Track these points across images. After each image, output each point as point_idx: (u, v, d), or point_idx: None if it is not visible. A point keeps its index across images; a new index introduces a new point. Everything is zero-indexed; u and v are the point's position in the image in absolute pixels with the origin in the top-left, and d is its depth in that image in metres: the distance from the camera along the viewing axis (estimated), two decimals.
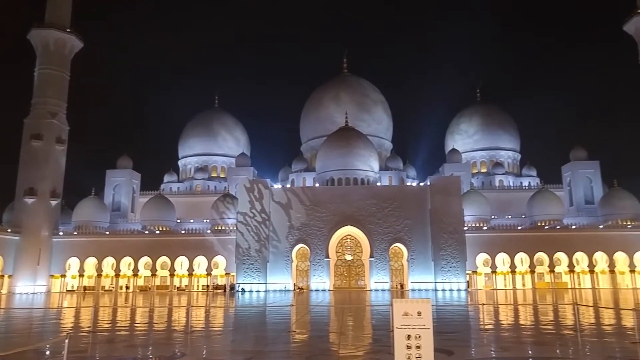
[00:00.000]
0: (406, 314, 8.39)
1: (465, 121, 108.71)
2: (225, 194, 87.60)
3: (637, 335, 14.99)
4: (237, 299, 50.54)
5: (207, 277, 78.43)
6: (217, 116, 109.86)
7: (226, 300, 49.96)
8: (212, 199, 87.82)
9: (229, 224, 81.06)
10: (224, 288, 75.20)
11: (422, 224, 75.21)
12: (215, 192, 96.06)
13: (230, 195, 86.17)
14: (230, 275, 76.80)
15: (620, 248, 75.09)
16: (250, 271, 74.40)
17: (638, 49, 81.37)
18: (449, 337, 17.18)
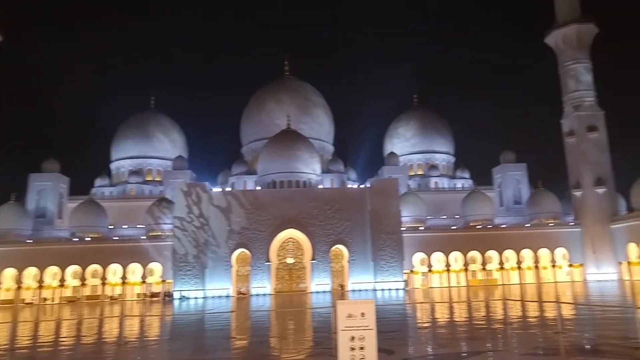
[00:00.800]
0: (350, 315, 8.57)
1: (403, 125, 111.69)
2: (161, 198, 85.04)
3: (559, 325, 16.09)
4: (175, 307, 49.36)
5: (142, 285, 75.76)
6: (153, 117, 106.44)
7: (162, 308, 48.65)
8: (147, 203, 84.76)
9: (165, 230, 78.74)
10: (159, 295, 73.04)
11: (362, 225, 76.51)
12: (151, 197, 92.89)
13: (166, 199, 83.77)
14: (167, 283, 74.61)
15: (544, 245, 79.67)
16: (188, 277, 72.70)
17: (557, 60, 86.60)
18: (388, 337, 17.64)
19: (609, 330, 17.94)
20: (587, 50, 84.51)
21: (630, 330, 15.82)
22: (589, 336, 16.51)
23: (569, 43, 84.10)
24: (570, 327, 18.33)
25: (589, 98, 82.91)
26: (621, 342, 14.52)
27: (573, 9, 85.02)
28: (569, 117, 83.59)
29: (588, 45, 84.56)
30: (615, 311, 24.05)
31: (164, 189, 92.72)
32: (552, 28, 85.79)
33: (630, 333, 15.01)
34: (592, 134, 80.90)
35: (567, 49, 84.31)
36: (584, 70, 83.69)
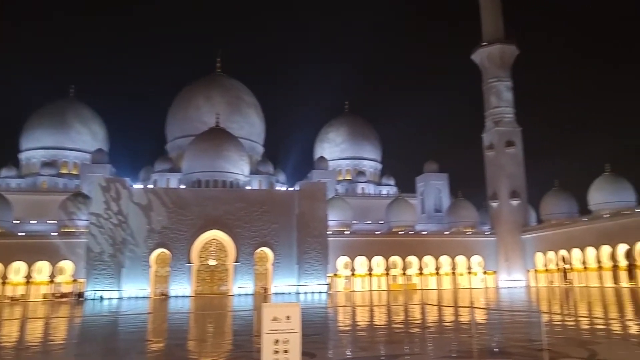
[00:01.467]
0: (275, 318, 8.39)
1: (334, 131, 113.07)
2: (76, 193, 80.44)
3: (473, 329, 16.74)
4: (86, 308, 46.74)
5: (50, 285, 70.78)
6: (72, 107, 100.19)
7: (72, 309, 45.89)
8: (61, 197, 79.68)
9: (80, 226, 74.52)
10: (70, 296, 68.80)
11: (289, 228, 76.39)
12: (65, 190, 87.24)
13: (82, 194, 79.33)
14: (79, 282, 70.43)
15: (461, 252, 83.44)
16: (102, 277, 69.08)
17: (482, 76, 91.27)
18: (311, 340, 17.56)
19: (516, 333, 18.92)
20: (509, 69, 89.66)
21: (534, 334, 16.80)
22: (498, 339, 17.32)
23: (493, 61, 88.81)
24: (483, 331, 19.14)
25: (509, 115, 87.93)
26: (527, 344, 15.35)
27: (497, 29, 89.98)
28: (490, 132, 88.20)
29: (510, 65, 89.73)
30: (522, 316, 25.49)
31: (81, 183, 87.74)
32: (478, 46, 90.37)
33: (535, 336, 15.93)
34: (510, 149, 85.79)
35: (491, 67, 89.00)
36: (505, 88, 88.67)
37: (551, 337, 15.58)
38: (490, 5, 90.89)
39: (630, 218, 65.54)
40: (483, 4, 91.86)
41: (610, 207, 71.09)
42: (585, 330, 19.06)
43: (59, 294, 69.76)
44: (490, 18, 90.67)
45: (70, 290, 70.15)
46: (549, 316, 23.83)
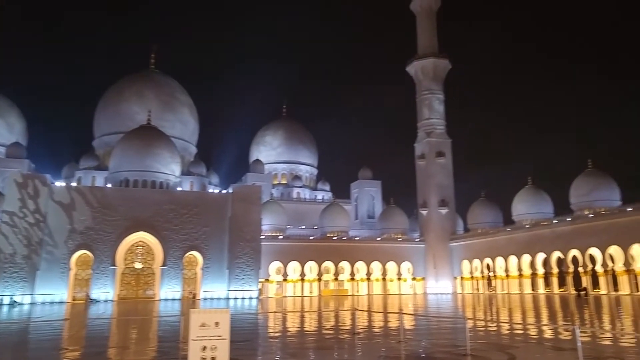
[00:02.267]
0: (203, 324, 8.04)
1: (271, 134, 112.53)
2: None
3: (401, 335, 16.95)
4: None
5: None
6: None
7: None
8: None
9: None
10: None
11: (221, 232, 74.88)
12: None
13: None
14: None
15: (391, 258, 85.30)
16: (13, 280, 64.23)
17: (416, 88, 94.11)
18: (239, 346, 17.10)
19: (442, 339, 19.38)
20: (441, 82, 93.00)
21: (459, 339, 17.27)
22: (425, 345, 17.63)
23: (426, 74, 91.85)
24: (411, 337, 19.44)
25: (440, 127, 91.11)
26: (452, 349, 15.71)
27: (432, 43, 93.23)
28: (421, 142, 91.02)
29: (442, 78, 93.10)
30: (448, 321, 26.25)
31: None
32: (413, 59, 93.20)
33: (460, 341, 16.37)
34: (440, 159, 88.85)
35: (425, 80, 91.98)
36: (437, 100, 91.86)
37: (474, 342, 16.06)
38: (425, 20, 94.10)
39: (547, 229, 69.74)
40: (419, 18, 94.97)
41: (530, 218, 75.31)
42: (505, 335, 19.85)
43: None
44: (426, 32, 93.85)
45: None
46: (473, 322, 24.64)
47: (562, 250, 66.98)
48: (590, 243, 63.17)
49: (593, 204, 66.94)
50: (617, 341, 17.24)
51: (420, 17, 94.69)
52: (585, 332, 18.46)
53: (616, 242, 60.49)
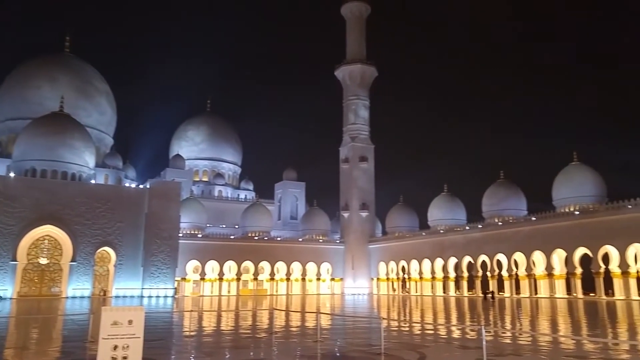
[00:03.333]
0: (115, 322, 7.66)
1: (193, 129, 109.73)
2: None
3: (318, 334, 17.15)
4: None
5: None
6: None
7: None
8: None
9: None
10: None
11: (136, 228, 71.92)
12: None
13: None
14: None
15: (312, 259, 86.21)
16: None
17: (343, 93, 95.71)
18: (153, 345, 16.53)
19: (357, 338, 19.85)
20: (367, 89, 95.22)
21: (374, 338, 17.77)
22: (341, 344, 17.96)
23: (354, 80, 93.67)
24: (327, 336, 19.72)
25: (364, 132, 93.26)
26: (367, 348, 16.12)
27: (360, 50, 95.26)
28: (346, 146, 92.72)
29: (368, 85, 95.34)
30: (364, 321, 26.92)
31: None
32: (341, 64, 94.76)
33: (375, 341, 16.84)
34: (363, 164, 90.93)
35: (352, 85, 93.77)
36: (363, 106, 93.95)
37: (388, 341, 16.57)
38: (355, 25, 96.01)
39: (460, 234, 73.57)
40: (349, 23, 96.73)
41: (445, 224, 78.95)
42: (417, 335, 20.64)
43: None
44: (355, 38, 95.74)
45: None
46: (388, 322, 25.43)
47: (472, 255, 70.89)
48: (498, 249, 67.43)
49: (502, 213, 71.32)
50: (516, 339, 18.48)
51: (350, 22, 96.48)
52: (489, 332, 19.61)
53: (520, 249, 65.05)
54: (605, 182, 63.77)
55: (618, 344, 16.43)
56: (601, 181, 63.60)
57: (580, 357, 14.14)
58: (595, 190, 62.72)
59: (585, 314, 33.70)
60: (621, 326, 24.66)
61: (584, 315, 33.04)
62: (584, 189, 62.75)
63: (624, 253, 54.34)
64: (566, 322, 26.73)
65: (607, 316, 32.12)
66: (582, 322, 27.03)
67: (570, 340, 17.83)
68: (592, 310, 37.31)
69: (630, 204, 53.94)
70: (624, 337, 19.43)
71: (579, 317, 30.93)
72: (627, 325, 25.15)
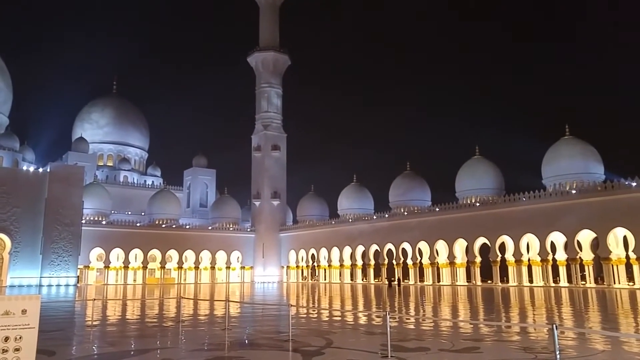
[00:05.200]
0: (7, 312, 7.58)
1: (98, 111, 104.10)
2: None
3: (226, 322, 17.54)
4: None
5: None
6: None
7: None
8: None
9: None
10: None
11: (35, 213, 67.50)
12: None
13: None
14: None
15: (222, 247, 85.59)
16: None
17: (256, 80, 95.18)
18: (51, 336, 16.09)
19: (266, 325, 20.41)
20: (280, 77, 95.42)
21: (283, 325, 18.43)
22: (249, 331, 18.45)
23: (266, 67, 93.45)
24: (236, 324, 20.14)
25: (277, 121, 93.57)
26: (275, 335, 16.71)
27: (273, 37, 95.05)
28: (258, 134, 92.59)
29: (281, 73, 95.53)
30: (273, 309, 27.59)
31: None
32: (254, 50, 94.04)
33: (283, 328, 17.50)
34: (275, 152, 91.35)
35: (265, 72, 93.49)
36: (275, 95, 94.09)
37: (297, 328, 17.20)
38: (268, 12, 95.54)
39: (367, 224, 76.37)
40: (262, 10, 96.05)
41: (353, 213, 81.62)
42: (325, 322, 21.47)
43: None
44: (268, 26, 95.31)
45: None
46: (296, 309, 26.22)
47: (379, 243, 73.97)
48: (404, 238, 70.85)
49: (408, 203, 74.98)
50: (419, 325, 19.69)
51: (264, 9, 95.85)
52: (394, 318, 20.77)
53: (425, 238, 68.73)
54: (503, 176, 68.78)
55: (510, 327, 17.90)
56: (500, 174, 68.52)
57: (477, 340, 15.10)
58: (494, 183, 67.44)
59: (482, 300, 35.99)
60: (513, 310, 27.14)
61: (482, 301, 35.34)
62: (485, 181, 67.22)
63: (519, 243, 58.98)
64: (465, 308, 28.43)
65: (502, 301, 34.63)
66: (479, 308, 28.96)
67: (469, 325, 18.99)
68: (489, 296, 39.96)
69: (524, 197, 58.73)
70: (516, 320, 21.38)
71: (477, 303, 32.95)
72: (519, 309, 27.74)
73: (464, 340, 15.09)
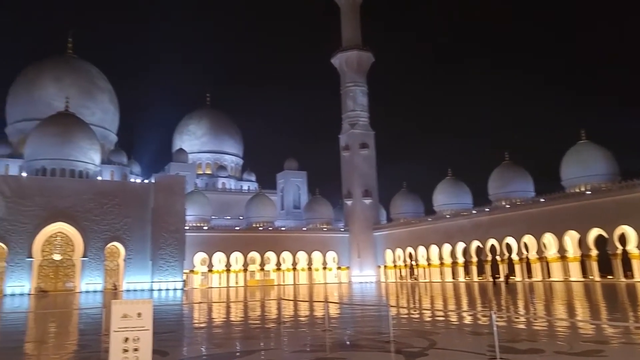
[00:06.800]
0: (125, 315, 8.03)
1: (194, 123, 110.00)
2: None
3: (326, 323, 17.51)
4: None
5: None
6: None
7: None
8: None
9: None
10: None
11: (143, 222, 72.63)
12: None
13: None
14: None
15: (317, 248, 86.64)
16: None
17: (341, 80, 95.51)
18: (164, 338, 17.00)
19: (366, 326, 20.15)
20: (365, 75, 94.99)
21: (383, 326, 18.04)
22: (350, 332, 18.29)
23: (351, 66, 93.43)
24: (336, 325, 20.08)
25: (363, 118, 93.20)
26: (376, 336, 16.40)
27: (356, 36, 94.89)
28: (346, 134, 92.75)
29: (366, 71, 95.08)
30: (372, 309, 27.27)
31: None
32: (338, 51, 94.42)
33: (384, 329, 17.08)
34: (364, 151, 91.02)
35: (349, 72, 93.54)
36: (361, 93, 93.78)
37: (398, 329, 16.74)
38: (349, 12, 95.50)
39: (467, 219, 73.21)
40: (343, 10, 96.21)
41: (451, 209, 78.75)
42: (427, 322, 20.73)
43: None
44: (350, 25, 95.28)
45: None
46: (397, 310, 25.59)
47: (480, 239, 70.65)
48: (507, 232, 67.05)
49: (509, 195, 70.96)
50: (530, 324, 18.19)
51: (344, 9, 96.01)
52: (501, 317, 19.58)
53: (530, 231, 64.44)
54: (616, 160, 62.93)
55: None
56: (612, 159, 62.62)
57: (601, 342, 13.64)
58: (606, 168, 61.70)
59: (603, 297, 32.76)
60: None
61: (602, 298, 32.21)
62: (595, 167, 61.74)
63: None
64: (583, 306, 25.95)
65: (627, 299, 30.85)
66: (600, 306, 26.24)
67: (589, 325, 17.23)
68: (611, 293, 36.34)
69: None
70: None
71: (597, 301, 30.12)
72: None
73: (584, 342, 13.81)
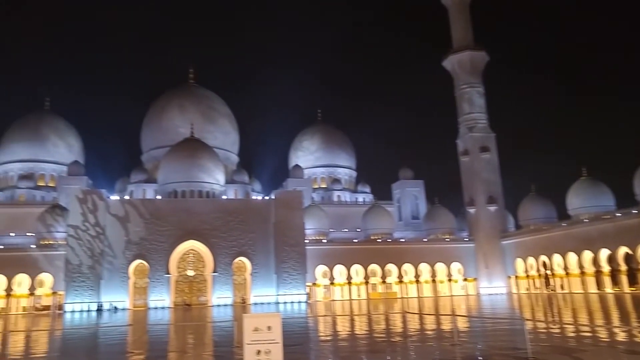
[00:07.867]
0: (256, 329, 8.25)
1: (308, 139, 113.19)
2: (54, 205, 78.83)
3: (455, 337, 16.71)
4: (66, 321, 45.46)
5: (30, 298, 69.63)
6: (47, 119, 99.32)
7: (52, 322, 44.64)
8: (39, 210, 78.39)
9: (58, 238, 73.17)
10: (51, 308, 67.87)
11: (266, 237, 75.88)
12: (43, 203, 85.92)
13: (60, 206, 77.79)
14: (58, 295, 69.26)
15: (440, 259, 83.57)
16: (82, 289, 67.88)
17: (454, 83, 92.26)
18: (292, 350, 17.35)
19: (499, 341, 18.95)
20: (480, 75, 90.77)
21: (519, 341, 16.76)
22: (481, 347, 17.30)
23: (464, 68, 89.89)
24: (465, 339, 19.13)
25: (482, 120, 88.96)
26: (511, 352, 15.33)
27: (467, 36, 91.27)
28: (464, 138, 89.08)
29: (480, 71, 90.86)
30: (505, 323, 25.63)
31: (58, 195, 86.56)
32: (449, 53, 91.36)
33: (519, 344, 15.87)
34: (485, 154, 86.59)
35: (462, 74, 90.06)
36: (477, 94, 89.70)
37: (536, 345, 15.53)
38: (458, 12, 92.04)
39: (610, 223, 64.43)
40: (451, 11, 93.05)
41: (589, 212, 71.22)
42: (571, 338, 19.07)
43: (41, 307, 68.97)
44: (460, 25, 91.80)
45: (49, 302, 69.14)
46: (533, 323, 23.77)
47: (629, 245, 62.63)
48: None
49: None
50: None
51: (453, 10, 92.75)
52: None
53: None
54: None
55: None
56: None
57: None
58: None
59: None
60: None
61: None
62: None
63: None
64: None
65: None
66: None
67: None
68: None
69: None
70: None
71: None
72: None
73: None
